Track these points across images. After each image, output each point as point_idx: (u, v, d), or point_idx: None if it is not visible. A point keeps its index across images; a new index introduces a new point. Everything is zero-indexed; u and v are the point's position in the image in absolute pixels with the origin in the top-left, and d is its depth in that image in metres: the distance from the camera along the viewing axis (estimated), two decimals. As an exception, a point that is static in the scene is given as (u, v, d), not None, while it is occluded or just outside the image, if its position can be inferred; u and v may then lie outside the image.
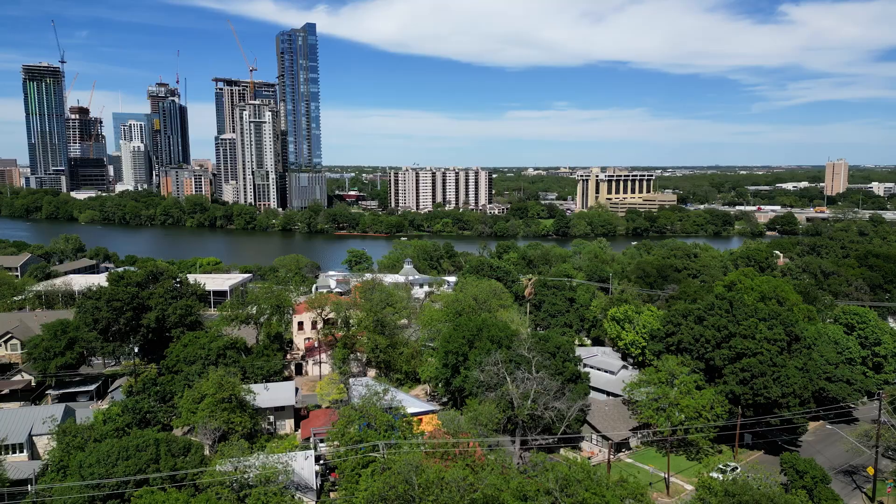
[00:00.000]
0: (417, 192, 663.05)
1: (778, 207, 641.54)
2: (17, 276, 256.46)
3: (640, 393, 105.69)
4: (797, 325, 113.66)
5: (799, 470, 70.50)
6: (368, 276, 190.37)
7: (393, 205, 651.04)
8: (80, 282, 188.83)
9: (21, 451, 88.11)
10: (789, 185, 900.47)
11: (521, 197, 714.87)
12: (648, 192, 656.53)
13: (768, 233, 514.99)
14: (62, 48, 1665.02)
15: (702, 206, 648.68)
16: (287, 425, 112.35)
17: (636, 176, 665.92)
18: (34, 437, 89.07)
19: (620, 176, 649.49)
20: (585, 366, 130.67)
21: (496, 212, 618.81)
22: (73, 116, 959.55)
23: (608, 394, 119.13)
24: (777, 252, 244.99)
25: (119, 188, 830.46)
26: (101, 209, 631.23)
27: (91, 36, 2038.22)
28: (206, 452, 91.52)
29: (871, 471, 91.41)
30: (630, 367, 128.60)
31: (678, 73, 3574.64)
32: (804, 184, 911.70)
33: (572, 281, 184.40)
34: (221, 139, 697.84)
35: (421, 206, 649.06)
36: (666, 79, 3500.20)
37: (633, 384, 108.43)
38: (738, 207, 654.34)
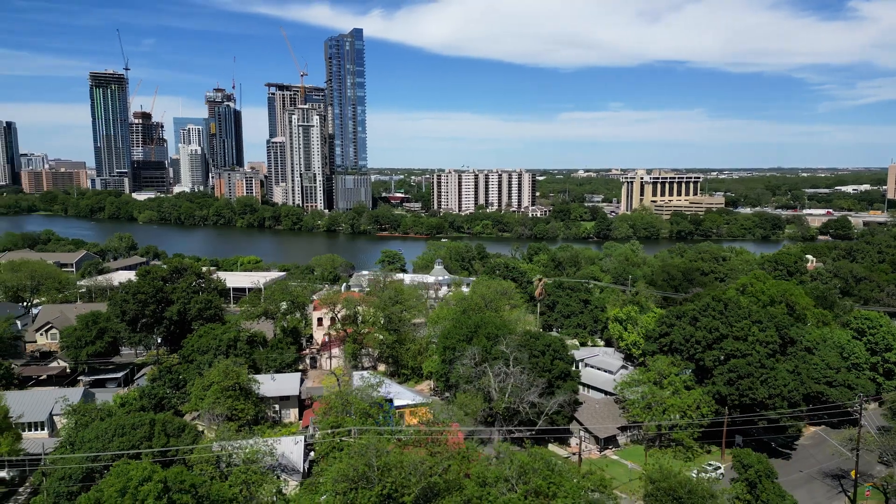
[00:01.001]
0: (460, 195, 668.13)
1: (826, 211, 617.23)
2: (73, 271, 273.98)
3: (631, 392, 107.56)
4: (792, 329, 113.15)
5: (745, 464, 71.56)
6: (398, 275, 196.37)
7: (435, 207, 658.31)
8: (120, 277, 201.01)
9: (42, 429, 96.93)
10: (849, 188, 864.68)
11: (565, 199, 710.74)
12: (695, 194, 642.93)
13: (820, 237, 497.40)
14: (126, 56, 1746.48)
15: (751, 210, 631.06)
16: (292, 414, 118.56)
17: (682, 178, 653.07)
18: (54, 417, 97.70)
19: (666, 178, 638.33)
20: (587, 365, 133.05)
21: (538, 214, 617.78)
22: (136, 121, 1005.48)
23: (606, 393, 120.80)
24: (809, 256, 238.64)
25: (177, 189, 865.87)
26: (159, 209, 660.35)
27: (157, 44, 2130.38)
28: (212, 436, 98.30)
29: (853, 474, 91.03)
30: (630, 368, 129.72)
31: (739, 73, 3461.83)
32: (865, 186, 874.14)
33: (589, 283, 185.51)
34: (272, 142, 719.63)
35: (463, 208, 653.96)
36: (726, 78, 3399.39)
37: (623, 383, 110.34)
38: (789, 211, 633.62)
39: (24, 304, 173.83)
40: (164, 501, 55.33)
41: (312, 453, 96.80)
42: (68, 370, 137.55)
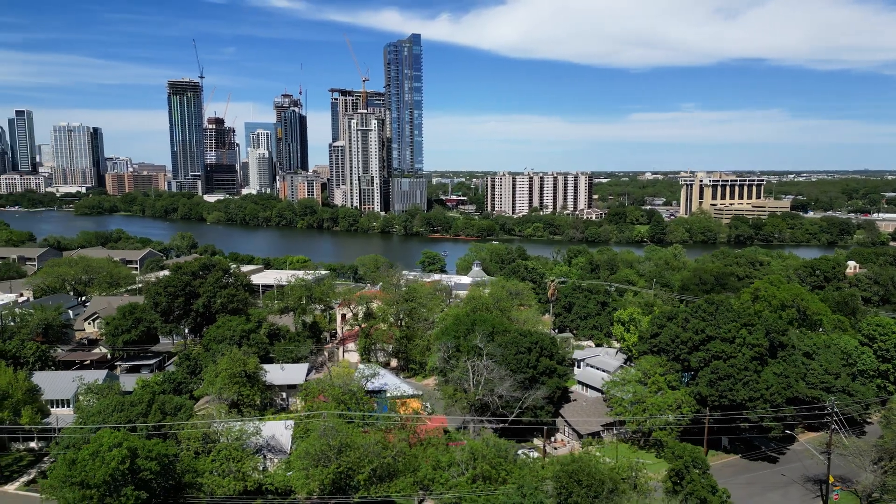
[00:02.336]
0: (514, 197, 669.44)
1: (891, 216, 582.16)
2: (137, 267, 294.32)
3: (617, 390, 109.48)
4: (788, 333, 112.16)
5: (676, 454, 73.03)
6: (435, 276, 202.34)
7: (489, 209, 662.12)
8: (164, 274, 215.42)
9: (68, 406, 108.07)
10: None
11: (623, 202, 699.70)
12: (758, 197, 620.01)
13: (892, 243, 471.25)
14: (201, 64, 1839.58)
15: (821, 214, 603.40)
16: (298, 401, 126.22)
17: (745, 181, 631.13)
18: (80, 395, 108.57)
19: (727, 181, 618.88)
20: (588, 365, 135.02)
21: (593, 217, 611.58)
22: (209, 126, 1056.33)
23: (600, 391, 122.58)
24: (851, 262, 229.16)
25: (245, 192, 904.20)
26: (226, 211, 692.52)
27: (236, 52, 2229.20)
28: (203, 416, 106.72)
29: (831, 479, 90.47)
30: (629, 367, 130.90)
31: (823, 70, 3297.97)
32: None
33: (611, 286, 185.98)
34: (334, 146, 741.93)
35: (517, 211, 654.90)
36: (809, 76, 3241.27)
37: (610, 382, 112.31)
38: (861, 216, 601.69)
39: (80, 296, 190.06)
40: (127, 465, 62.88)
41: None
42: (108, 356, 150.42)
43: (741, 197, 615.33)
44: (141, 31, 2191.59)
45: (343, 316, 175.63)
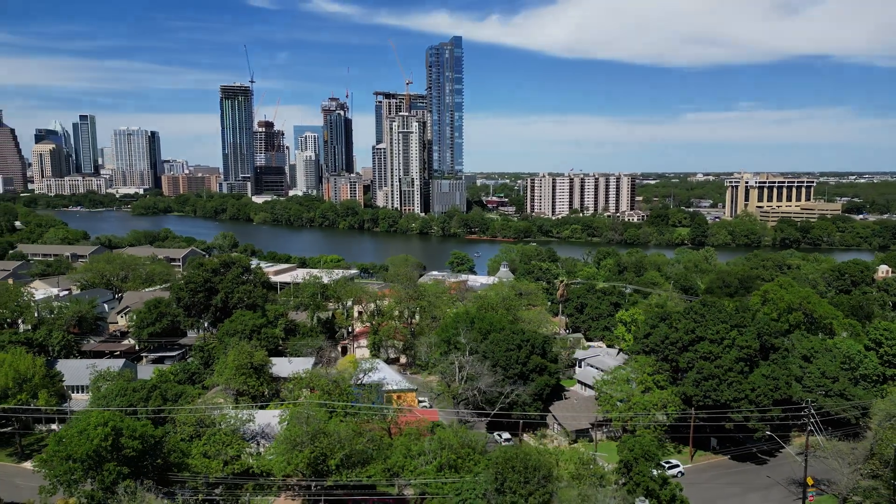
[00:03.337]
0: (553, 198, 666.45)
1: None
2: (180, 265, 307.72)
3: (608, 388, 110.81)
4: (779, 337, 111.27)
5: (628, 447, 74.31)
6: (462, 276, 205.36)
7: (528, 210, 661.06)
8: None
9: (86, 392, 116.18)
10: None
11: (666, 204, 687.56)
12: (808, 199, 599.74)
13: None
14: (252, 69, 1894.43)
15: (875, 217, 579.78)
16: (305, 393, 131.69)
17: (793, 182, 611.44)
18: (92, 382, 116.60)
19: (774, 182, 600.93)
20: (588, 365, 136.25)
21: (635, 219, 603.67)
22: (260, 130, 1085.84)
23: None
24: (884, 266, 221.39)
25: (292, 193, 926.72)
26: (272, 211, 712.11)
27: (288, 57, 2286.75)
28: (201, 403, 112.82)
29: (810, 481, 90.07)
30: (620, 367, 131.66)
31: (893, 67, 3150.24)
32: None
33: (626, 287, 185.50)
34: (377, 148, 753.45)
35: (557, 212, 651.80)
36: (876, 73, 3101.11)
37: (601, 381, 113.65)
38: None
39: (116, 291, 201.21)
40: (110, 442, 68.69)
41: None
42: (136, 347, 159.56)
43: (789, 199, 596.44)
44: (199, 38, 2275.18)
45: (360, 313, 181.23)
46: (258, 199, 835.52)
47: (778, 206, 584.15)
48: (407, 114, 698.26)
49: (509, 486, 59.95)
